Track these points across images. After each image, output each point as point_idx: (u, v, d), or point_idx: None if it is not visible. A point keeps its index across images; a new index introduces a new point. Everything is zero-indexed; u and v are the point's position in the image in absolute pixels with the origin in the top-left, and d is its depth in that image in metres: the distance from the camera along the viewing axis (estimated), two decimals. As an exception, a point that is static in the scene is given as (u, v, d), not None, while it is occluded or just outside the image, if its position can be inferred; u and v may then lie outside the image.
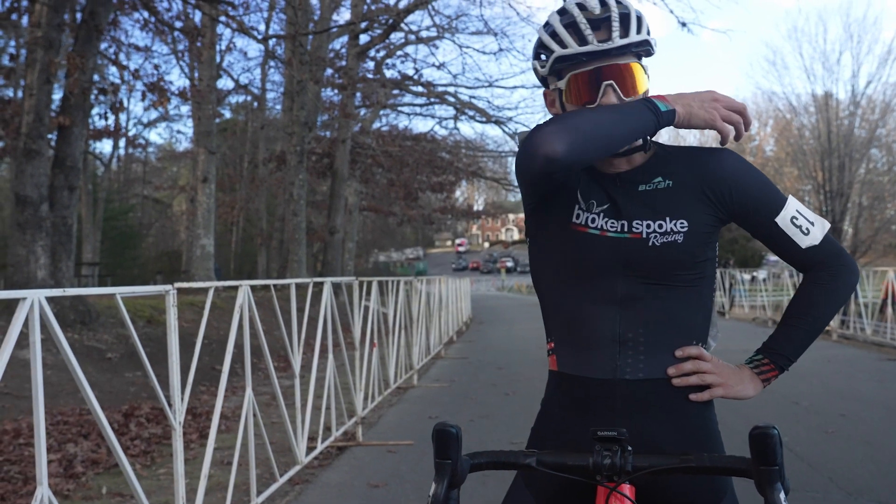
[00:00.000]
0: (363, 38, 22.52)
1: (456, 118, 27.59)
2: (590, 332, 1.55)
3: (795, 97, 34.93)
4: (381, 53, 24.59)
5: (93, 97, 11.13)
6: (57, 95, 11.07)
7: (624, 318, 1.53)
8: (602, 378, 1.53)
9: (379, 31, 21.98)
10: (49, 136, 9.93)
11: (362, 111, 26.46)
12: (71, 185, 9.79)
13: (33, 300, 2.50)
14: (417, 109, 29.13)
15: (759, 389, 1.58)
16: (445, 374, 10.12)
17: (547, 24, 1.53)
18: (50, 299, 2.61)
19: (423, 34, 24.98)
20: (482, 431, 6.22)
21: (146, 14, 13.64)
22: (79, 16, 11.16)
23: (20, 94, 16.35)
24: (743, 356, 1.65)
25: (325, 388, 5.80)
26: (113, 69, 21.40)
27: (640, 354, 1.52)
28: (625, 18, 1.47)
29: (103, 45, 13.62)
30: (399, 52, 25.01)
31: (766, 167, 42.55)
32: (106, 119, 24.37)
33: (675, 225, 1.52)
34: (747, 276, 22.16)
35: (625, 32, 1.47)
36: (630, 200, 1.55)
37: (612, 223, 1.54)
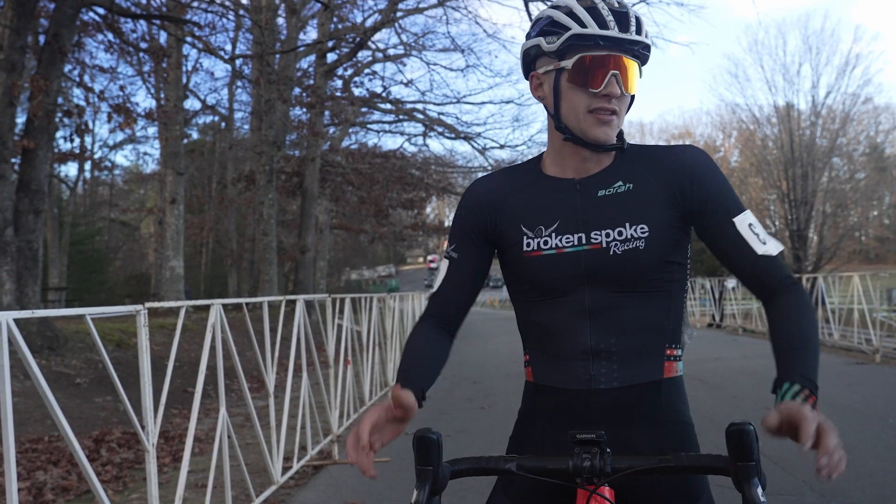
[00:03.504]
0: (331, 57, 22.55)
1: (425, 135, 27.72)
2: (561, 346, 1.55)
3: (758, 108, 35.62)
4: (349, 71, 24.64)
5: (57, 120, 11.00)
6: (21, 118, 10.93)
7: (594, 329, 1.52)
8: (577, 388, 1.54)
9: (346, 50, 22.04)
10: (13, 159, 9.77)
11: (331, 129, 26.44)
12: (36, 209, 9.64)
13: (1, 322, 2.46)
14: (386, 127, 29.23)
15: None
16: (420, 390, 10.06)
17: (560, 7, 1.52)
18: (17, 324, 2.56)
19: (391, 52, 25.12)
20: (459, 446, 6.21)
21: (111, 35, 13.53)
22: (42, 38, 11.05)
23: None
24: (716, 364, 1.61)
25: (300, 407, 5.75)
26: (78, 91, 21.20)
27: (614, 363, 1.52)
28: (638, 20, 1.50)
29: (67, 67, 13.48)
30: (367, 70, 25.09)
31: (731, 177, 43.13)
32: (71, 142, 24.10)
33: (635, 231, 1.50)
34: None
35: (638, 31, 1.49)
36: (588, 208, 1.54)
37: (568, 238, 1.54)
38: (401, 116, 27.48)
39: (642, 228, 1.50)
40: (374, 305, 8.95)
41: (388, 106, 25.97)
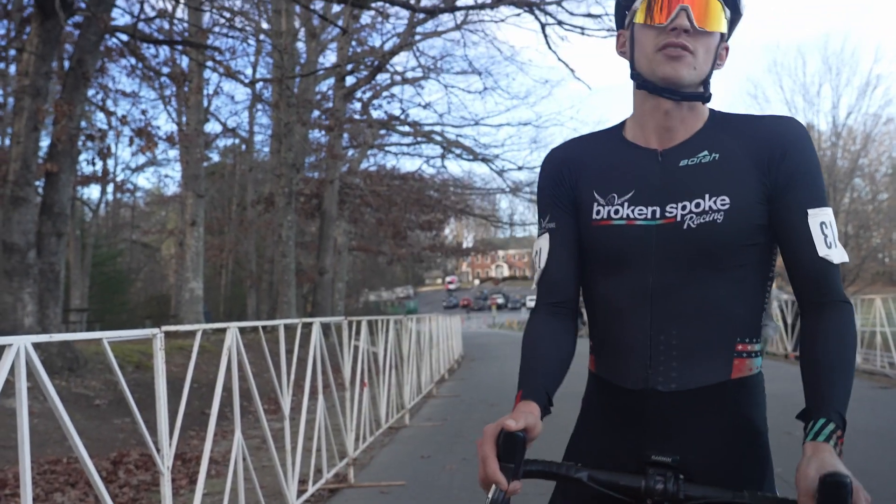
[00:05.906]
0: (349, 80, 22.77)
1: (443, 157, 27.86)
2: (621, 332, 1.45)
3: (778, 129, 35.29)
4: (368, 94, 24.87)
5: (80, 143, 11.17)
6: (44, 142, 11.11)
7: (655, 315, 1.41)
8: (634, 389, 1.43)
9: (365, 73, 22.26)
10: (36, 182, 9.94)
11: (350, 152, 26.66)
12: (59, 232, 9.78)
13: (19, 346, 2.49)
14: (405, 149, 29.42)
15: None
16: (437, 412, 10.05)
17: None
18: (37, 346, 2.60)
19: (409, 75, 25.35)
20: (476, 470, 6.17)
21: (133, 60, 13.77)
22: (66, 63, 11.26)
23: (7, 141, 16.40)
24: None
25: (316, 429, 5.75)
26: (100, 115, 21.51)
27: (673, 360, 1.40)
28: None
29: (91, 92, 13.72)
30: (385, 93, 25.32)
31: (751, 199, 42.74)
32: (94, 165, 24.44)
33: (714, 203, 1.38)
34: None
35: None
36: (667, 179, 1.43)
37: (641, 210, 1.43)
38: (419, 139, 27.67)
39: (723, 200, 1.38)
40: (391, 327, 8.95)
41: (407, 128, 26.20)
